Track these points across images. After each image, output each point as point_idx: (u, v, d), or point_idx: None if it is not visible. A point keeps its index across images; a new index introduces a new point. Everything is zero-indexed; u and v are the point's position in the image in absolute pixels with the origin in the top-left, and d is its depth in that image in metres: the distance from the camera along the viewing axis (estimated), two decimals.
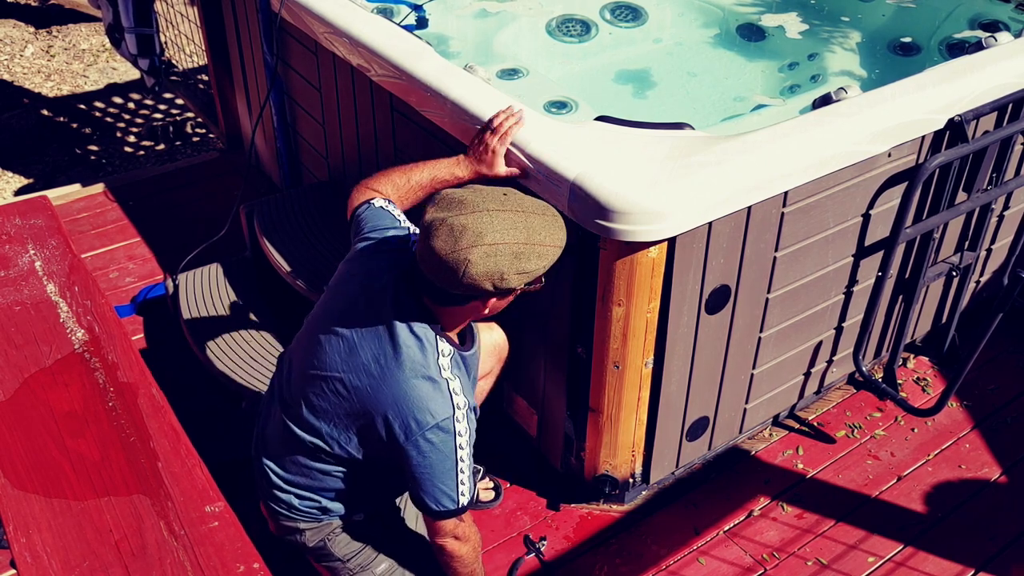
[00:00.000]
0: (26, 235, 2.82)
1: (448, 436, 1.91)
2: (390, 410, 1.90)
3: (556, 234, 1.86)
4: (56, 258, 2.73)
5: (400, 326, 1.91)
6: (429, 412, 1.89)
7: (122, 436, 2.18)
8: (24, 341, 2.43)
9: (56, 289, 2.61)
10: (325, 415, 1.99)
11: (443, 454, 1.92)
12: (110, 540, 1.94)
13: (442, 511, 1.97)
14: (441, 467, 1.93)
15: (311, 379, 2.00)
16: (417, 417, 1.89)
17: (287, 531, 2.18)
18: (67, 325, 2.49)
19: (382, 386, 1.91)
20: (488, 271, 1.77)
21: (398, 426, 1.90)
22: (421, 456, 1.92)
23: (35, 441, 2.16)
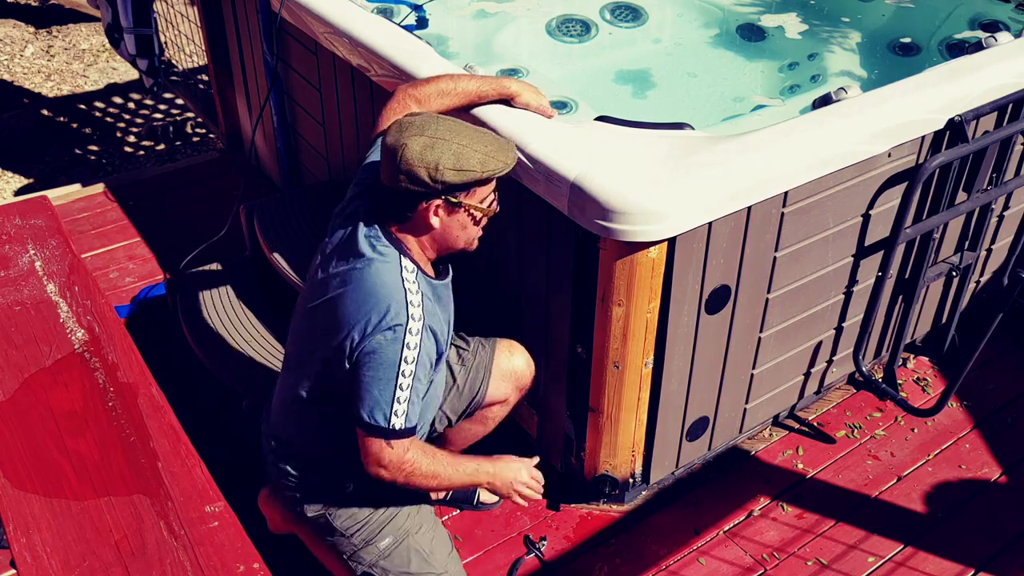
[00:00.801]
0: (26, 235, 2.82)
1: (395, 343, 1.90)
2: (350, 319, 1.93)
3: (502, 148, 1.94)
4: (56, 258, 2.73)
5: (364, 245, 1.97)
6: (381, 315, 1.90)
7: (122, 436, 2.18)
8: (24, 341, 2.43)
9: (56, 289, 2.61)
10: (310, 353, 2.03)
11: (385, 361, 1.91)
12: (110, 540, 1.94)
13: (372, 425, 1.94)
14: (380, 375, 1.92)
15: (302, 316, 2.07)
16: (370, 318, 1.91)
17: (288, 503, 2.17)
18: (67, 325, 2.49)
19: (344, 297, 1.94)
20: (424, 159, 1.85)
21: (354, 334, 1.92)
22: (366, 360, 1.92)
23: (35, 441, 2.16)
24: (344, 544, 2.18)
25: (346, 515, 2.16)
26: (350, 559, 2.20)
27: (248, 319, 3.10)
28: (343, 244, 2.01)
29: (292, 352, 2.15)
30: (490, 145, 1.92)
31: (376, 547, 2.18)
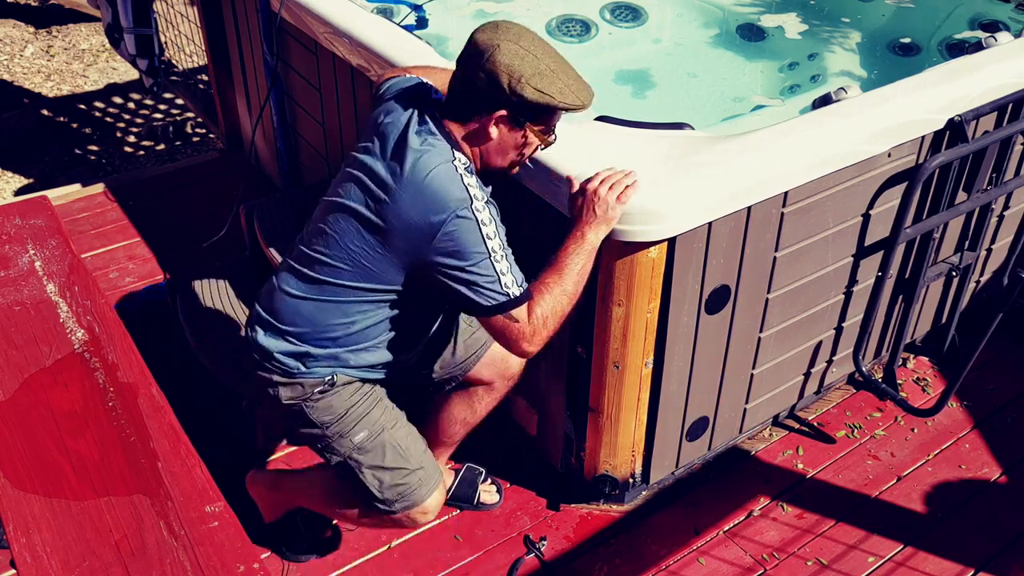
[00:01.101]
0: (26, 235, 2.82)
1: (471, 224, 1.88)
2: (409, 212, 1.88)
3: (584, 87, 1.93)
4: (56, 258, 2.73)
5: (415, 137, 1.93)
6: (447, 202, 1.87)
7: (122, 436, 2.18)
8: (24, 341, 2.43)
9: (56, 289, 2.61)
10: (337, 239, 1.98)
11: (471, 247, 1.88)
12: (110, 540, 1.94)
13: (493, 305, 1.92)
14: (475, 260, 1.89)
15: (329, 210, 2.01)
16: (436, 210, 1.86)
17: (263, 385, 2.13)
18: (67, 325, 2.49)
19: (398, 189, 1.90)
20: (510, 66, 1.83)
21: (421, 233, 1.88)
22: (451, 257, 1.89)
23: (35, 441, 2.16)
24: (318, 435, 2.16)
25: (322, 406, 2.12)
26: (324, 450, 2.18)
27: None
28: (393, 134, 1.96)
29: (318, 240, 2.03)
30: (574, 80, 1.90)
31: (351, 440, 2.15)
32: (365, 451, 2.16)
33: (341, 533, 2.62)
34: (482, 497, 2.71)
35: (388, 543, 2.61)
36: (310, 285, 2.03)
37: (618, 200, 2.05)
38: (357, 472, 2.17)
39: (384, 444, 2.17)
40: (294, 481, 2.51)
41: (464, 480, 2.72)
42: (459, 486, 2.71)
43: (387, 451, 2.17)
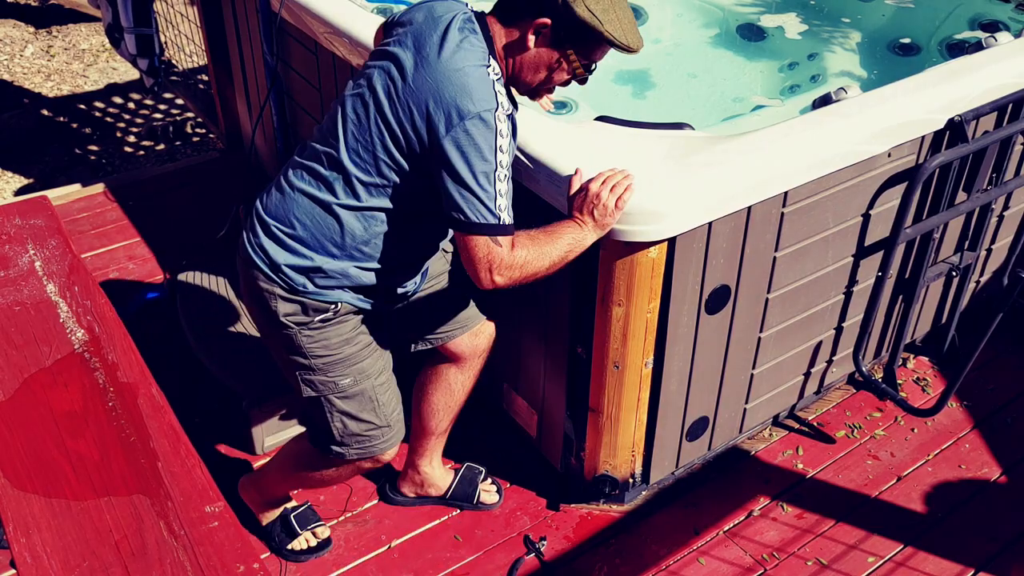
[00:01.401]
0: (26, 235, 2.82)
1: (489, 131, 1.83)
2: (431, 97, 1.84)
3: (636, 34, 1.92)
4: (56, 258, 2.73)
5: (456, 33, 1.88)
6: (473, 99, 1.82)
7: (122, 436, 2.18)
8: (24, 341, 2.43)
9: (56, 289, 2.61)
10: (354, 132, 1.93)
11: (482, 151, 1.83)
12: (110, 540, 1.94)
13: (479, 223, 1.86)
14: (479, 167, 1.83)
15: (348, 99, 1.96)
16: (460, 103, 1.82)
17: (259, 293, 2.04)
18: (67, 325, 2.49)
19: (425, 73, 1.86)
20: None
21: (438, 118, 1.83)
22: (459, 151, 1.82)
23: (35, 441, 2.16)
24: (302, 365, 2.12)
25: (318, 338, 2.07)
26: (302, 382, 2.14)
27: (248, 319, 3.10)
28: (426, 31, 1.91)
29: (327, 133, 1.99)
30: (629, 21, 1.89)
31: (334, 382, 2.12)
32: (343, 396, 2.14)
33: (342, 532, 2.63)
34: (482, 497, 2.71)
35: (388, 543, 2.61)
36: (313, 179, 1.98)
37: (616, 206, 2.05)
38: (326, 411, 2.15)
39: (363, 393, 2.15)
40: (266, 468, 2.53)
41: (464, 479, 2.72)
42: (459, 485, 2.71)
43: (364, 402, 2.16)
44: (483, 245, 1.89)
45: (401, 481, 2.72)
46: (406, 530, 2.65)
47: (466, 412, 3.02)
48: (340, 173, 1.95)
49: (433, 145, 1.85)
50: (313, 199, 1.98)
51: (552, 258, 1.99)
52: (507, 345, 2.72)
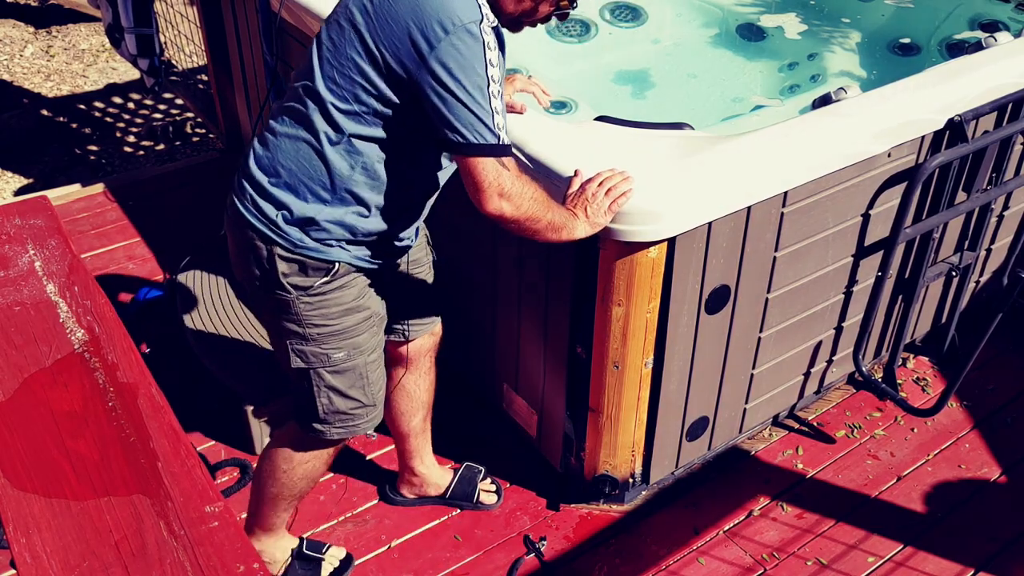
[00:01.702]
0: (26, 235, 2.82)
1: (477, 43, 1.73)
2: (411, 13, 1.73)
3: None
4: (56, 258, 2.73)
5: None
6: (456, 11, 1.73)
7: (122, 436, 2.18)
8: (24, 341, 2.43)
9: (56, 289, 2.61)
10: (329, 58, 1.83)
11: (473, 66, 1.73)
12: (110, 540, 1.94)
13: (479, 144, 1.77)
14: (472, 82, 1.73)
15: (323, 28, 1.87)
16: (441, 18, 1.72)
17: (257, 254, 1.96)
18: (67, 325, 2.49)
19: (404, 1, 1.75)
20: None
21: (421, 36, 1.72)
22: (447, 69, 1.72)
23: (35, 441, 2.16)
24: (295, 334, 2.03)
25: (318, 305, 1.99)
26: (292, 351, 2.05)
27: (248, 319, 3.10)
28: None
29: (306, 72, 1.89)
30: None
31: (327, 355, 2.05)
32: (334, 370, 2.07)
33: (341, 532, 2.63)
34: (481, 496, 2.71)
35: (388, 543, 2.61)
36: (291, 118, 1.90)
37: (610, 208, 2.04)
38: (314, 385, 2.08)
39: (354, 369, 2.09)
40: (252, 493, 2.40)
41: (463, 479, 2.72)
42: (458, 484, 2.71)
43: (354, 378, 2.10)
44: (491, 168, 1.80)
45: (400, 483, 2.71)
46: (406, 530, 2.65)
47: (466, 412, 3.03)
48: (317, 104, 1.85)
49: (419, 65, 1.74)
50: (294, 139, 1.89)
51: (549, 218, 1.93)
52: (507, 345, 2.72)
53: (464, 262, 2.77)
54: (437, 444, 2.85)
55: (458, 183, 1.90)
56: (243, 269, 2.05)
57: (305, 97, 1.88)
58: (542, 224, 1.94)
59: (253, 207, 1.95)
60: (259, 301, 2.09)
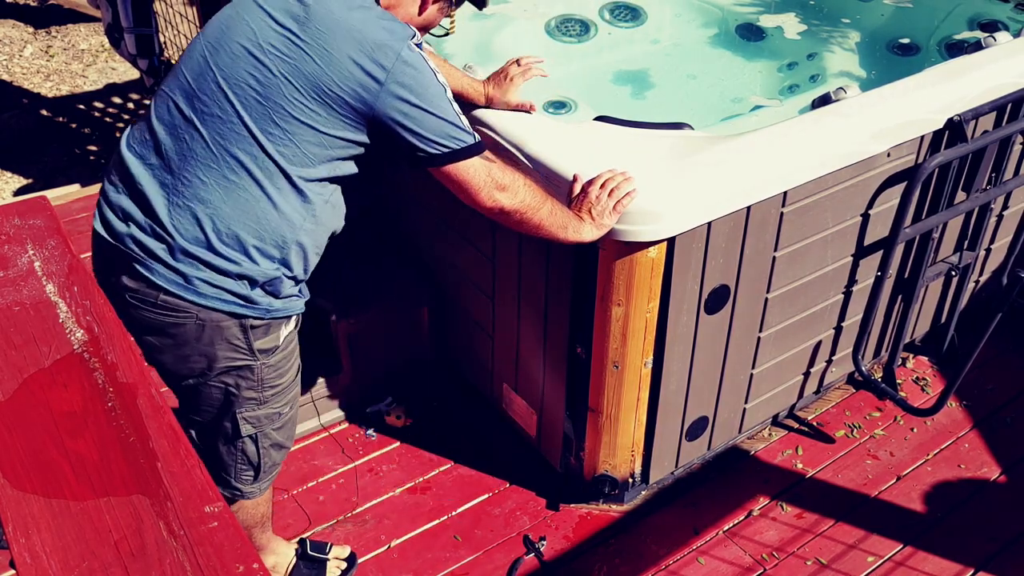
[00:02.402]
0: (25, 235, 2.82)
1: (421, 57, 1.72)
2: (355, 47, 1.68)
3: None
4: (55, 258, 2.73)
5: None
6: (394, 33, 1.71)
7: (121, 436, 2.18)
8: (23, 341, 2.43)
9: (55, 289, 2.61)
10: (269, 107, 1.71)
11: (428, 78, 1.72)
12: (110, 540, 1.94)
13: (460, 149, 1.75)
14: (431, 93, 1.71)
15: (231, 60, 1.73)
16: (383, 41, 1.69)
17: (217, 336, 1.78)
18: (66, 325, 2.49)
19: (335, 30, 1.69)
20: None
21: (371, 61, 1.68)
22: (409, 90, 1.69)
23: (34, 441, 2.16)
24: (250, 398, 1.90)
25: (276, 362, 1.88)
26: (244, 419, 1.93)
27: None
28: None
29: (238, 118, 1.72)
30: None
31: (277, 413, 1.96)
32: (279, 426, 1.99)
33: (341, 532, 2.63)
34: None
35: (388, 543, 2.61)
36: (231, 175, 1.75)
37: (615, 209, 2.04)
38: (259, 447, 1.97)
39: (292, 419, 2.05)
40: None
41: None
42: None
43: (290, 428, 2.04)
44: (480, 167, 1.79)
45: None
46: (406, 530, 2.65)
47: (466, 412, 3.03)
48: (254, 151, 1.72)
49: (376, 93, 1.69)
50: (238, 197, 1.74)
51: (549, 207, 1.91)
52: (507, 345, 2.72)
53: (464, 262, 2.77)
54: (437, 444, 2.86)
55: None
56: (184, 355, 1.84)
57: (234, 144, 1.73)
58: (544, 212, 1.93)
59: (210, 286, 1.77)
60: (198, 386, 1.90)
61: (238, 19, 1.78)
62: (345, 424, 2.99)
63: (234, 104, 1.72)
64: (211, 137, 1.73)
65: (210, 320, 1.79)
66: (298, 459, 2.85)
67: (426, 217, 2.86)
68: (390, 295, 2.96)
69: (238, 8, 1.80)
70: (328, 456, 2.87)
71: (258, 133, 1.72)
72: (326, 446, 2.91)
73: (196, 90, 1.75)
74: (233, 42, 1.75)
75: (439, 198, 2.77)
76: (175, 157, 1.75)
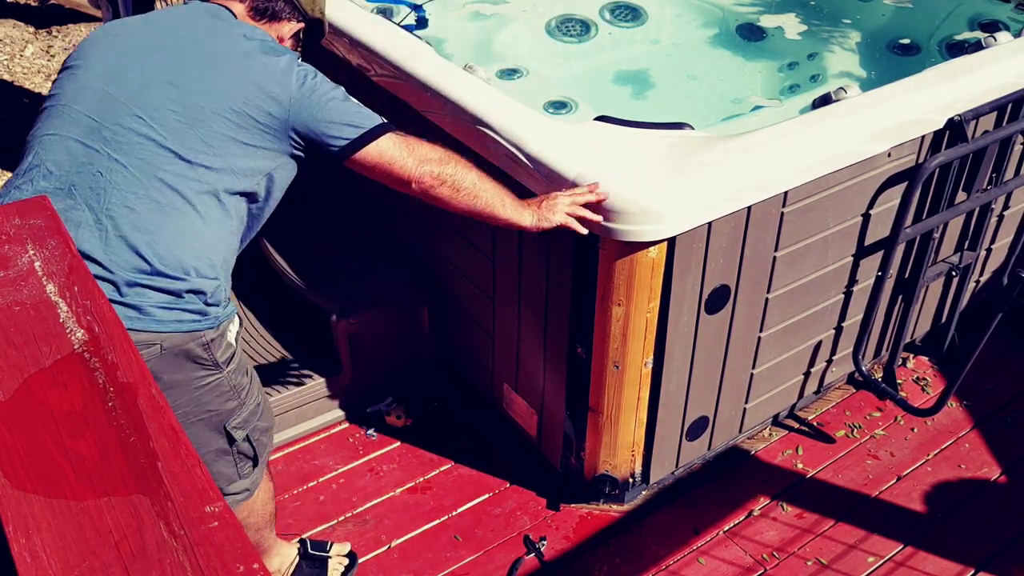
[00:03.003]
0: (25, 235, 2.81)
1: (311, 68, 1.94)
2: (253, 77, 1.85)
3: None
4: (55, 258, 2.73)
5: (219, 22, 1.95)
6: (282, 54, 1.92)
7: (122, 436, 2.17)
8: (23, 341, 2.43)
9: (56, 289, 2.61)
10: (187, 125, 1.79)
11: (324, 80, 1.93)
12: (110, 540, 1.94)
13: (376, 126, 1.91)
14: (334, 88, 1.92)
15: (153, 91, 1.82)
16: (277, 61, 1.89)
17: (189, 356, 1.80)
18: (67, 325, 2.49)
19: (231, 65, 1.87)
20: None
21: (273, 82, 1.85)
22: (312, 90, 1.88)
23: (35, 441, 2.16)
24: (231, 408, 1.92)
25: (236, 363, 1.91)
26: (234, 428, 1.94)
27: (247, 319, 3.10)
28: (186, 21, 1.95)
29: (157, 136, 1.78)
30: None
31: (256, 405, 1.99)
32: (260, 415, 2.01)
33: (342, 532, 2.62)
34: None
35: (388, 543, 2.61)
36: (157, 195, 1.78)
37: (567, 211, 2.06)
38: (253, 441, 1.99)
39: (265, 400, 2.05)
40: None
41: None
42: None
43: (266, 408, 2.05)
44: (396, 141, 1.92)
45: None
46: (406, 530, 2.65)
47: (466, 412, 3.03)
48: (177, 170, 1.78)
49: (287, 107, 1.85)
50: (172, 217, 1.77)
51: (477, 173, 2.00)
52: (507, 345, 2.72)
53: (464, 262, 2.77)
54: (438, 444, 2.86)
55: None
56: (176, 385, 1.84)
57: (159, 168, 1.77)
58: (473, 177, 1.99)
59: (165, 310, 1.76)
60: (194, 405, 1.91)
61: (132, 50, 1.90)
62: (345, 424, 2.99)
63: (155, 128, 1.79)
64: (133, 164, 1.77)
65: (173, 346, 1.78)
66: (298, 459, 2.85)
67: (426, 217, 2.86)
68: (390, 295, 2.96)
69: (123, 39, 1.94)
70: (328, 456, 2.87)
71: (183, 152, 1.79)
72: (326, 446, 2.91)
73: (101, 123, 1.80)
74: (135, 71, 1.85)
75: None
76: (90, 193, 1.76)
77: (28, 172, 1.80)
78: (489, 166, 2.39)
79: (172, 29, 1.95)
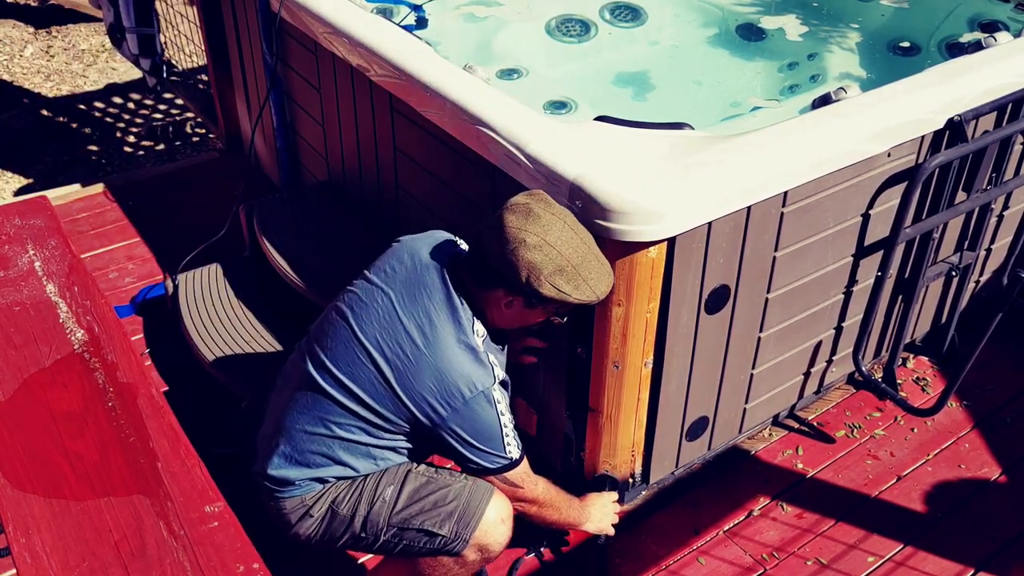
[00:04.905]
0: (26, 235, 2.82)
1: (492, 407, 2.00)
2: (433, 381, 1.96)
3: (602, 280, 2.02)
4: (56, 258, 2.73)
5: (441, 296, 2.01)
6: (473, 379, 1.97)
7: (121, 436, 2.18)
8: (24, 341, 2.43)
9: (56, 289, 2.61)
10: (362, 383, 2.01)
11: (489, 426, 2.01)
12: (110, 540, 1.94)
13: (497, 468, 2.08)
14: (489, 435, 2.02)
15: (349, 346, 2.03)
16: (460, 385, 1.96)
17: (293, 517, 2.09)
18: (67, 325, 2.49)
19: (424, 356, 1.97)
20: (532, 261, 1.91)
21: (440, 400, 1.96)
22: (465, 430, 2.00)
23: (35, 441, 2.16)
24: (358, 528, 2.08)
25: (345, 496, 2.09)
26: (377, 542, 2.09)
27: (248, 319, 3.10)
28: (419, 280, 2.04)
29: (330, 365, 2.04)
30: (594, 273, 1.99)
31: (383, 500, 2.08)
32: (401, 504, 2.08)
33: None
34: None
35: None
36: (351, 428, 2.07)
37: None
38: (415, 538, 2.09)
39: (416, 481, 2.12)
40: None
41: None
42: None
43: (420, 488, 2.10)
44: (507, 481, 2.13)
45: None
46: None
47: None
48: (361, 420, 2.04)
49: (438, 424, 1.99)
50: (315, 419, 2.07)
51: (560, 508, 2.29)
52: None
53: None
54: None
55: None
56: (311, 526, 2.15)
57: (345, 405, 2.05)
58: (548, 523, 2.30)
59: (274, 478, 2.11)
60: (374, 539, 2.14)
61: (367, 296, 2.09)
62: None
63: (338, 359, 2.06)
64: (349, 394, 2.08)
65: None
66: None
67: (426, 217, 2.86)
68: None
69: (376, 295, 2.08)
70: None
71: (342, 377, 2.04)
72: None
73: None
74: (358, 315, 2.07)
75: (440, 198, 2.77)
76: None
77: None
78: (489, 166, 2.39)
79: (392, 283, 2.10)
